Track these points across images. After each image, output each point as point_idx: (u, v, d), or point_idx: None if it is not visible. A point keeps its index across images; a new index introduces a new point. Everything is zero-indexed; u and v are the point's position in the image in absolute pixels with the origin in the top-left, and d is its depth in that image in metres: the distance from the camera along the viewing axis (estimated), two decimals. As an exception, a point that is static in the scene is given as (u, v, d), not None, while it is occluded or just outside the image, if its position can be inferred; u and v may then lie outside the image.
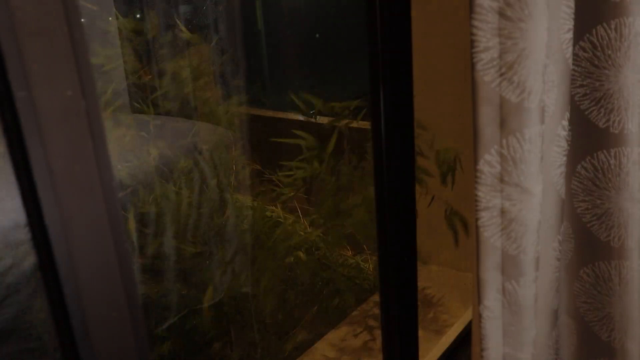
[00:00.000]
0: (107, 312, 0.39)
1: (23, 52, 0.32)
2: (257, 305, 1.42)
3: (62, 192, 0.35)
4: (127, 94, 2.26)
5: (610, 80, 0.78)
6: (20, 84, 0.33)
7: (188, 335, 1.38)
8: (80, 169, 0.36)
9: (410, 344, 0.89)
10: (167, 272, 1.39)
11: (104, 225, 0.38)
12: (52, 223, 0.35)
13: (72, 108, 0.35)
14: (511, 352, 0.72)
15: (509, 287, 0.69)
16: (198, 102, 2.07)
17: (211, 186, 1.56)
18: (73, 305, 0.37)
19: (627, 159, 0.81)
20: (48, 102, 0.34)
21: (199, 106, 2.12)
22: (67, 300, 0.37)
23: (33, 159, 0.34)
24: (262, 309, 1.41)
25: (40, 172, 0.34)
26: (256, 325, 1.41)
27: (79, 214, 0.36)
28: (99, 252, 0.38)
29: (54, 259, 0.36)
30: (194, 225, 1.46)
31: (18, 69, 0.32)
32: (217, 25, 2.45)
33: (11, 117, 0.33)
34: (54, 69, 0.34)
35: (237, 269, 1.43)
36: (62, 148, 0.35)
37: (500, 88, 0.61)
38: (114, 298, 0.39)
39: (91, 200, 0.37)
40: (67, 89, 0.34)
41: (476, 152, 0.64)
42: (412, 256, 0.84)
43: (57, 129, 0.34)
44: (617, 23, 0.76)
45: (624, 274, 0.86)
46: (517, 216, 0.66)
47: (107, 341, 0.39)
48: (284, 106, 2.63)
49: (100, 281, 0.38)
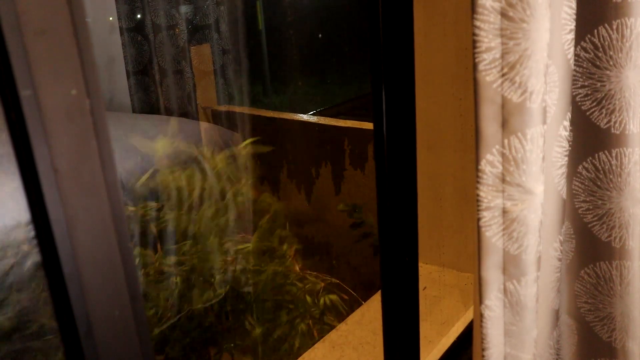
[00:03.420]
0: (110, 311, 0.39)
1: (28, 51, 0.32)
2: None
3: (67, 190, 0.35)
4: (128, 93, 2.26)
5: (611, 80, 0.78)
6: (25, 82, 0.33)
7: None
8: (85, 168, 0.36)
9: (411, 344, 0.90)
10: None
11: (107, 224, 0.38)
12: (57, 221, 0.35)
13: (77, 107, 0.35)
14: (512, 352, 0.72)
15: (510, 286, 0.69)
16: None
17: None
18: (77, 303, 0.37)
19: (628, 159, 0.81)
20: (53, 100, 0.34)
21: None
22: (71, 298, 0.37)
23: (37, 157, 0.34)
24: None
25: (45, 171, 0.34)
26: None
27: (83, 212, 0.36)
28: (103, 250, 0.38)
29: (58, 257, 0.36)
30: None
31: (23, 68, 0.33)
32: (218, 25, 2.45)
33: (16, 115, 0.33)
34: (59, 67, 0.34)
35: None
36: (67, 147, 0.35)
37: (502, 88, 0.62)
38: (118, 297, 0.40)
39: (95, 198, 0.37)
40: (71, 88, 0.34)
41: (478, 152, 0.64)
42: (412, 256, 0.84)
43: (61, 127, 0.34)
44: (619, 24, 0.76)
45: (625, 274, 0.86)
46: (519, 216, 0.66)
47: (110, 340, 0.40)
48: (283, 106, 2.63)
49: (104, 280, 0.39)
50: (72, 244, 0.36)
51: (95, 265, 0.38)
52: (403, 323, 0.87)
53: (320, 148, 2.10)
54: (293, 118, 2.23)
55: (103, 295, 0.39)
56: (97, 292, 0.39)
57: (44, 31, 0.33)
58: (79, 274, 0.37)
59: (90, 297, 0.38)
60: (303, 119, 2.21)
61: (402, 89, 0.75)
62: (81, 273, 0.37)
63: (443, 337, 1.27)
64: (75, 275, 0.37)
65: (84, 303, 0.38)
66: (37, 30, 0.32)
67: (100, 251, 0.38)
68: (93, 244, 0.38)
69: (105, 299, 0.39)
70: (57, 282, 0.37)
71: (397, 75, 0.74)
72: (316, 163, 2.12)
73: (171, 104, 2.50)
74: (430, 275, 1.56)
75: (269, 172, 2.28)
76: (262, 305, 1.43)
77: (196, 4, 2.41)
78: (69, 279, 0.37)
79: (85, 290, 0.38)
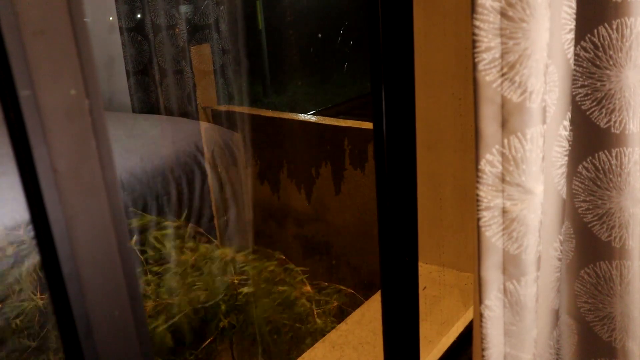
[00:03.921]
0: (110, 311, 0.39)
1: (27, 51, 0.32)
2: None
3: (66, 190, 0.35)
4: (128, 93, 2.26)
5: (611, 80, 0.78)
6: (24, 82, 0.33)
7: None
8: (84, 168, 0.36)
9: (411, 343, 0.90)
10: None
11: (107, 224, 0.38)
12: (56, 222, 0.35)
13: (76, 107, 0.35)
14: (512, 352, 0.72)
15: (510, 286, 0.69)
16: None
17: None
18: (76, 304, 0.37)
19: (628, 159, 0.81)
20: (52, 101, 0.34)
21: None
22: (71, 298, 0.37)
23: (37, 157, 0.34)
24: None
25: (44, 171, 0.34)
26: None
27: (82, 212, 0.36)
28: (102, 250, 0.38)
29: (58, 258, 0.36)
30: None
31: (22, 68, 0.33)
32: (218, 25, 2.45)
33: (15, 116, 0.33)
34: (58, 67, 0.34)
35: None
36: (66, 147, 0.35)
37: (502, 88, 0.62)
38: (117, 297, 0.40)
39: (95, 199, 0.37)
40: (71, 88, 0.34)
41: (477, 152, 0.64)
42: (412, 256, 0.84)
43: (60, 127, 0.34)
44: (619, 23, 0.76)
45: (625, 274, 0.86)
46: (519, 216, 0.66)
47: (110, 340, 0.40)
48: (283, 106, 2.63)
49: (104, 280, 0.39)
50: (72, 244, 0.36)
51: (95, 265, 0.38)
52: (403, 323, 0.87)
53: (320, 148, 2.10)
54: (293, 118, 2.23)
55: (102, 296, 0.39)
56: (97, 292, 0.39)
57: (42, 31, 0.33)
58: (79, 274, 0.37)
59: (90, 297, 0.38)
60: (303, 118, 2.21)
61: (402, 89, 0.75)
62: (80, 273, 0.37)
63: (443, 337, 1.27)
64: (74, 276, 0.37)
65: (83, 303, 0.38)
66: (36, 30, 0.32)
67: (99, 251, 0.38)
68: (92, 244, 0.38)
69: (105, 299, 0.39)
70: (56, 282, 0.37)
71: (397, 75, 0.73)
72: (316, 163, 2.12)
73: (171, 104, 2.50)
74: (430, 275, 1.56)
75: (268, 172, 2.28)
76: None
77: (196, 4, 2.41)
78: (69, 279, 0.37)
79: (85, 291, 0.38)
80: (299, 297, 1.42)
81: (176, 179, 1.97)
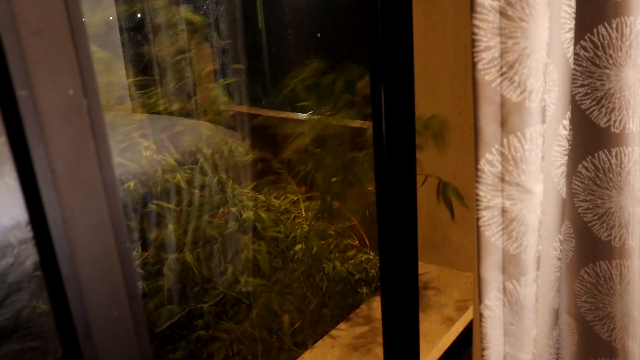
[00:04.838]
0: (109, 311, 0.39)
1: (25, 51, 0.32)
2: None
3: (64, 191, 0.35)
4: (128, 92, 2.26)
5: (611, 79, 0.78)
6: (22, 83, 0.33)
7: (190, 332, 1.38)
8: (82, 168, 0.36)
9: (411, 343, 0.90)
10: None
11: (105, 224, 0.38)
12: (54, 222, 0.35)
13: (74, 107, 0.35)
14: (512, 352, 0.72)
15: (509, 286, 0.69)
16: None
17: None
18: (75, 304, 0.37)
19: (628, 158, 0.81)
20: (50, 101, 0.34)
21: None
22: (69, 298, 0.37)
23: (35, 157, 0.34)
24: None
25: (42, 171, 0.34)
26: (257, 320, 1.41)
27: (80, 212, 0.36)
28: (101, 250, 0.38)
29: (56, 258, 0.36)
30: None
31: (20, 68, 0.32)
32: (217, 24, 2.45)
33: (13, 116, 0.33)
34: (56, 67, 0.34)
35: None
36: (64, 147, 0.35)
37: (501, 87, 0.61)
38: (116, 296, 0.39)
39: (93, 199, 0.37)
40: (68, 88, 0.34)
41: (477, 152, 0.64)
42: (412, 256, 0.84)
43: (59, 128, 0.34)
44: (618, 22, 0.76)
45: (625, 274, 0.86)
46: (518, 215, 0.66)
47: (109, 340, 0.39)
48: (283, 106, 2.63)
49: (102, 280, 0.39)
50: (70, 245, 0.36)
51: (93, 265, 0.38)
52: (403, 323, 0.87)
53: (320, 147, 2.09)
54: (293, 117, 2.23)
55: (101, 296, 0.39)
56: (95, 292, 0.39)
57: (40, 31, 0.33)
58: (77, 274, 0.37)
59: (89, 297, 0.38)
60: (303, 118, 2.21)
61: (401, 89, 0.75)
62: (79, 273, 0.37)
63: (443, 336, 1.27)
64: (73, 276, 0.37)
65: (82, 303, 0.38)
66: (33, 30, 0.32)
67: (98, 251, 0.38)
68: (91, 244, 0.38)
69: (104, 299, 0.39)
70: (55, 283, 0.37)
71: (397, 74, 0.73)
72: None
73: (171, 104, 2.50)
74: (430, 275, 1.56)
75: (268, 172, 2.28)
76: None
77: (196, 4, 2.41)
78: (67, 279, 0.37)
79: (84, 291, 0.38)
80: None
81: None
